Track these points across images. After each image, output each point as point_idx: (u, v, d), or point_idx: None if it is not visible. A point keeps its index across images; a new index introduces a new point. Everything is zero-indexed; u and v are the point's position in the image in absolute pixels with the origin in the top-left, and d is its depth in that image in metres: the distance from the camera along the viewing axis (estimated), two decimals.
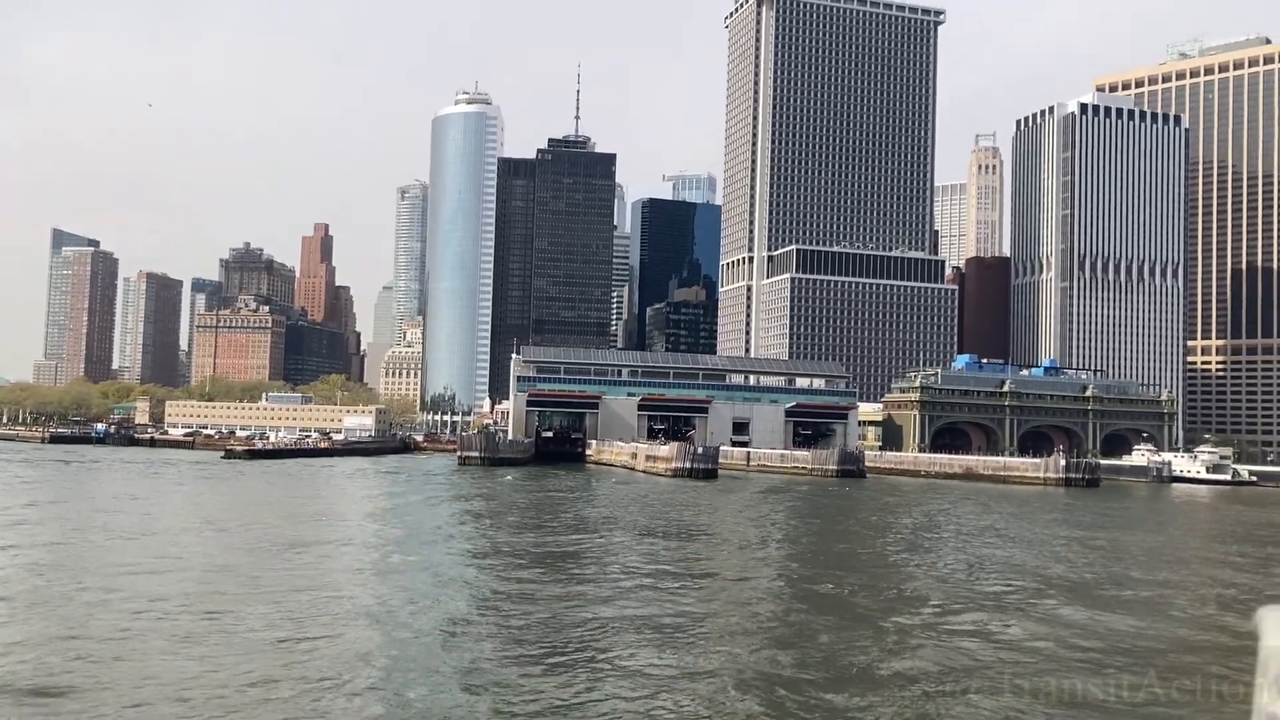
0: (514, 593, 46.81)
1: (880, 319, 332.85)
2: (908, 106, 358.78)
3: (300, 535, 69.00)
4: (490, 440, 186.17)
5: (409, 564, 56.50)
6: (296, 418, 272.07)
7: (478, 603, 44.16)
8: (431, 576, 51.89)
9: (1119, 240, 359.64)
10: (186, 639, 35.20)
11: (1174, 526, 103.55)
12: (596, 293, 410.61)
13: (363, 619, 39.90)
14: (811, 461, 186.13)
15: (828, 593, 50.46)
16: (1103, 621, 42.78)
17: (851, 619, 43.25)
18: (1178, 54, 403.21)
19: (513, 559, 59.77)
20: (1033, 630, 40.65)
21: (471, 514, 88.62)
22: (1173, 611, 46.78)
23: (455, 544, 67.54)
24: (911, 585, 52.77)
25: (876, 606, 46.57)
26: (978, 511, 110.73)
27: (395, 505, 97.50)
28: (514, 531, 75.60)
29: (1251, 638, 7.52)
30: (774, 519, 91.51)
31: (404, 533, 73.23)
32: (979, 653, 36.35)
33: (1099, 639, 39.21)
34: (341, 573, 53.02)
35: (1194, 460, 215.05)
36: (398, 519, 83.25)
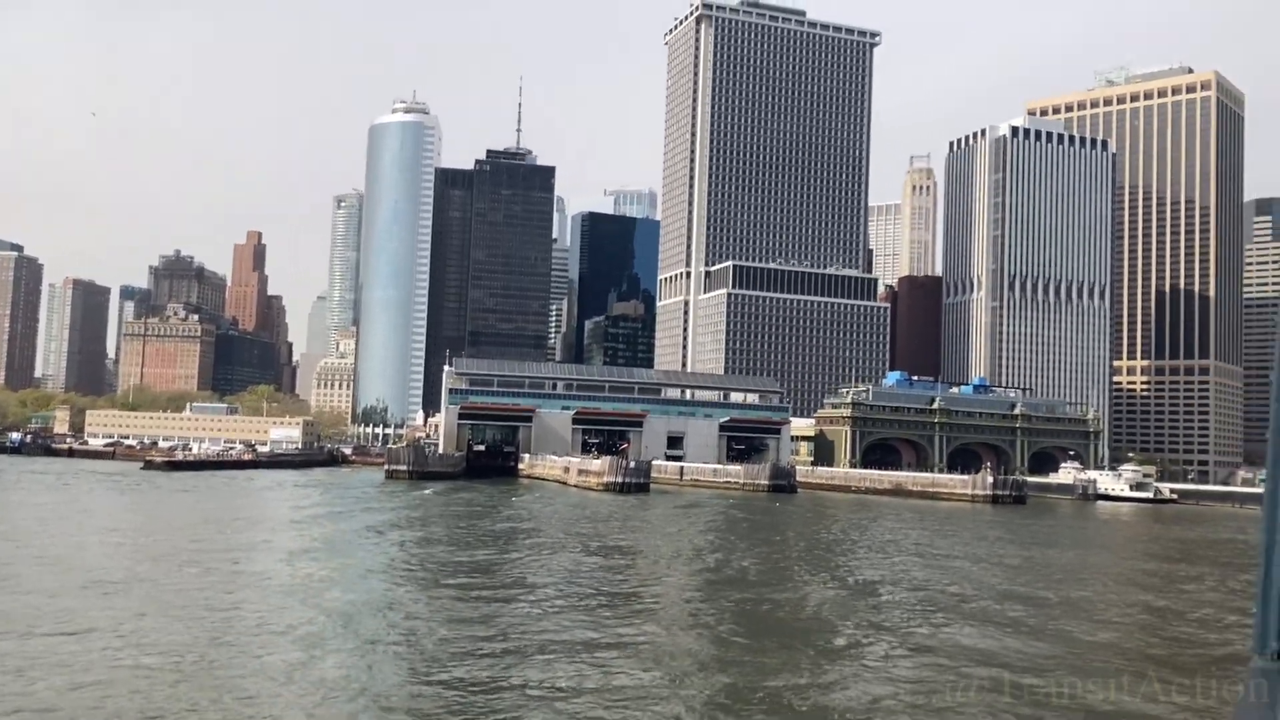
0: (427, 614, 45.32)
1: (814, 335, 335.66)
2: (843, 126, 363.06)
3: (200, 550, 66.73)
4: (419, 454, 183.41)
5: (314, 583, 54.69)
6: (222, 429, 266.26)
7: (388, 626, 42.56)
8: (339, 596, 50.27)
9: (1048, 261, 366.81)
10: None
11: (1091, 544, 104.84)
12: (534, 305, 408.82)
13: (259, 644, 38.25)
14: (744, 476, 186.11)
15: (730, 613, 49.73)
16: (982, 641, 42.37)
17: (745, 640, 42.55)
18: (1105, 81, 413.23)
19: (428, 577, 58.32)
20: (908, 650, 40.17)
21: (391, 530, 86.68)
22: (1055, 631, 46.76)
23: (368, 561, 65.81)
24: (810, 605, 52.21)
25: (763, 627, 45.94)
26: (902, 528, 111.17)
27: (311, 521, 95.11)
28: (432, 547, 74.05)
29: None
30: (699, 536, 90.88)
31: (315, 550, 71.22)
32: (846, 675, 35.75)
33: (972, 659, 38.89)
34: (237, 594, 51.06)
35: (1118, 478, 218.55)
36: (311, 536, 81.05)
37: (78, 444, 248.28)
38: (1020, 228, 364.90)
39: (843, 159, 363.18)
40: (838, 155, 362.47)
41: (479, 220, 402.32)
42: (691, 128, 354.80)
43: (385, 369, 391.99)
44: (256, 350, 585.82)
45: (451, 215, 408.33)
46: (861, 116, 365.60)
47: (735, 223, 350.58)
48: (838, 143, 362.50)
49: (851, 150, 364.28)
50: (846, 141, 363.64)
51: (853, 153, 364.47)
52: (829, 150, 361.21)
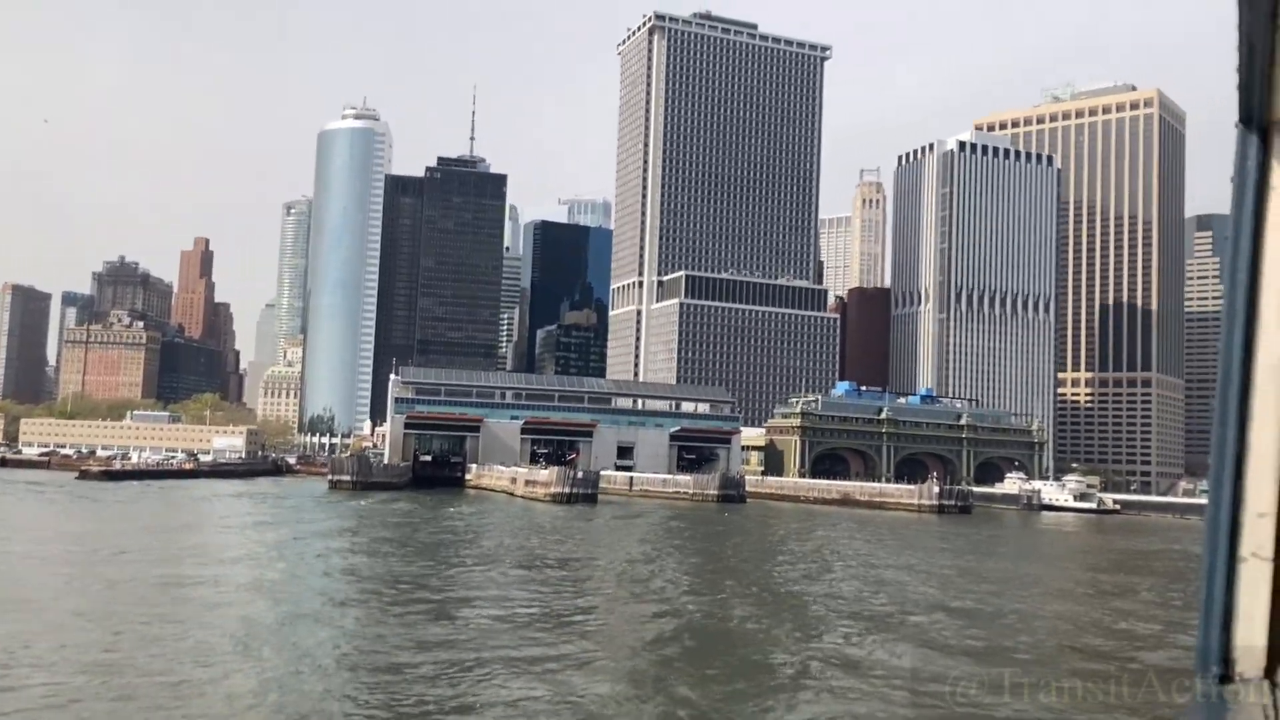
0: (357, 633, 43.98)
1: (765, 346, 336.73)
2: (794, 139, 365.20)
3: (121, 565, 64.77)
4: (363, 464, 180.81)
5: (241, 597, 53.17)
6: (163, 437, 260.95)
7: (317, 643, 41.23)
8: (268, 609, 48.85)
9: (994, 274, 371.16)
10: None
11: (1028, 555, 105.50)
12: (485, 314, 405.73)
13: (179, 665, 36.83)
14: (693, 486, 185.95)
15: (655, 629, 49.00)
16: (903, 657, 42.06)
17: (661, 658, 41.86)
18: (1051, 97, 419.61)
19: (363, 590, 56.97)
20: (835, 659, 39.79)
21: (329, 541, 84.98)
22: (979, 645, 46.57)
23: (299, 572, 64.25)
24: (734, 619, 51.60)
25: (685, 645, 45.30)
26: (845, 538, 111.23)
27: (247, 531, 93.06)
28: (369, 559, 72.62)
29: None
30: (638, 548, 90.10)
31: (247, 561, 69.47)
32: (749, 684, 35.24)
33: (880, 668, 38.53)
34: (163, 608, 49.46)
35: (1062, 489, 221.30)
36: (245, 546, 79.18)
37: (11, 453, 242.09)
38: (967, 241, 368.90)
39: (794, 171, 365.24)
40: (789, 167, 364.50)
41: (429, 228, 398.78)
42: (644, 138, 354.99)
43: (333, 378, 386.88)
44: (203, 358, 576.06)
45: (402, 223, 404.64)
46: (812, 129, 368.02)
47: (688, 233, 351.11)
48: (789, 155, 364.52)
49: (802, 162, 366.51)
50: (797, 153, 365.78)
51: (804, 165, 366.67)
52: (780, 162, 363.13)
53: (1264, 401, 2.53)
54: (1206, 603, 2.57)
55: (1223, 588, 2.56)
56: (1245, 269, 2.53)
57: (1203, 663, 2.59)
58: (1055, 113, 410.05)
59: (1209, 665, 2.58)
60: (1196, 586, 2.58)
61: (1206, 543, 2.59)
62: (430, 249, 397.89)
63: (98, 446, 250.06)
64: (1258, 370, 2.54)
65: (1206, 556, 2.59)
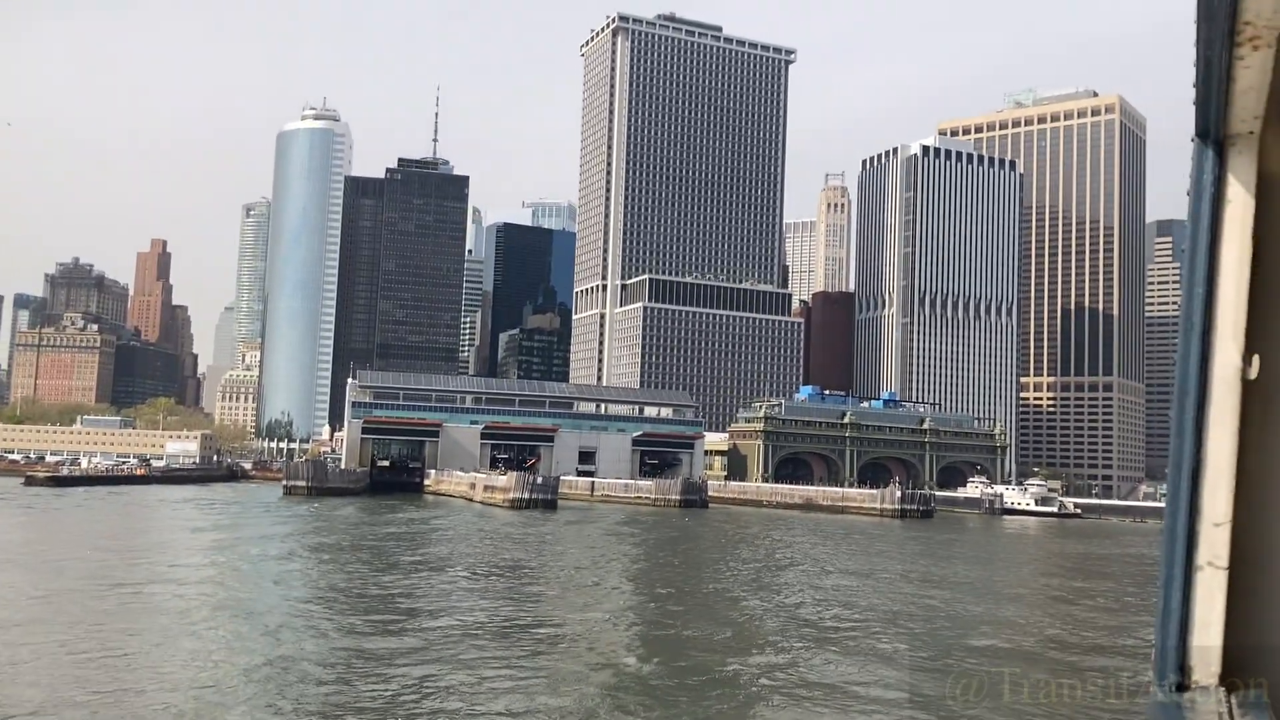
0: (296, 654, 41.07)
1: (730, 350, 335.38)
2: (759, 142, 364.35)
3: (60, 574, 61.46)
4: (319, 469, 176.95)
5: (177, 608, 50.15)
6: (115, 442, 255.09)
7: (261, 657, 38.53)
8: (207, 620, 45.94)
9: (957, 278, 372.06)
10: None
11: (983, 559, 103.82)
12: (446, 318, 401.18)
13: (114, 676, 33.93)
14: (655, 491, 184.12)
15: (601, 638, 46.64)
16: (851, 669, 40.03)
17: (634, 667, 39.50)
18: (1014, 102, 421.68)
19: (308, 602, 54.11)
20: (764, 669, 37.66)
21: (279, 549, 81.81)
22: (920, 653, 44.59)
23: (242, 582, 61.19)
24: (679, 627, 49.34)
25: (634, 652, 43.01)
26: (803, 543, 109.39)
27: (191, 539, 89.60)
28: (311, 567, 69.68)
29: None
30: (593, 555, 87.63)
31: (189, 571, 66.25)
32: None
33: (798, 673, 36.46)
34: (96, 618, 46.37)
35: (1023, 493, 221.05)
36: (189, 554, 75.88)
37: None
38: (930, 245, 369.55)
39: (758, 174, 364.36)
40: (754, 170, 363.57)
41: (389, 230, 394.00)
42: (608, 140, 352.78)
43: (291, 382, 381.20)
44: (159, 362, 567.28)
45: (362, 225, 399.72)
46: (777, 133, 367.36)
47: (652, 236, 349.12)
48: (754, 158, 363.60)
49: (767, 166, 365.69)
50: (762, 157, 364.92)
51: (768, 168, 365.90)
52: (745, 165, 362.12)
53: (1220, 412, 2.59)
54: (1164, 611, 2.61)
55: (1179, 596, 2.60)
56: (1202, 281, 2.59)
57: (1160, 670, 2.62)
58: (1018, 118, 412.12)
59: (1166, 673, 2.61)
60: (1152, 593, 2.62)
61: (1164, 552, 2.64)
62: (390, 251, 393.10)
63: (47, 452, 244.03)
64: (1214, 381, 2.60)
65: (1164, 565, 2.64)
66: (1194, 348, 2.59)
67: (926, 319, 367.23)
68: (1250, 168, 2.65)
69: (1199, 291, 2.59)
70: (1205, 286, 2.58)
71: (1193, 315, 2.60)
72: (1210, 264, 2.60)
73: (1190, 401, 2.59)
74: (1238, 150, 2.65)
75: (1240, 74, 2.49)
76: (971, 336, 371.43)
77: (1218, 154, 2.64)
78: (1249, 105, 2.58)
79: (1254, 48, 2.46)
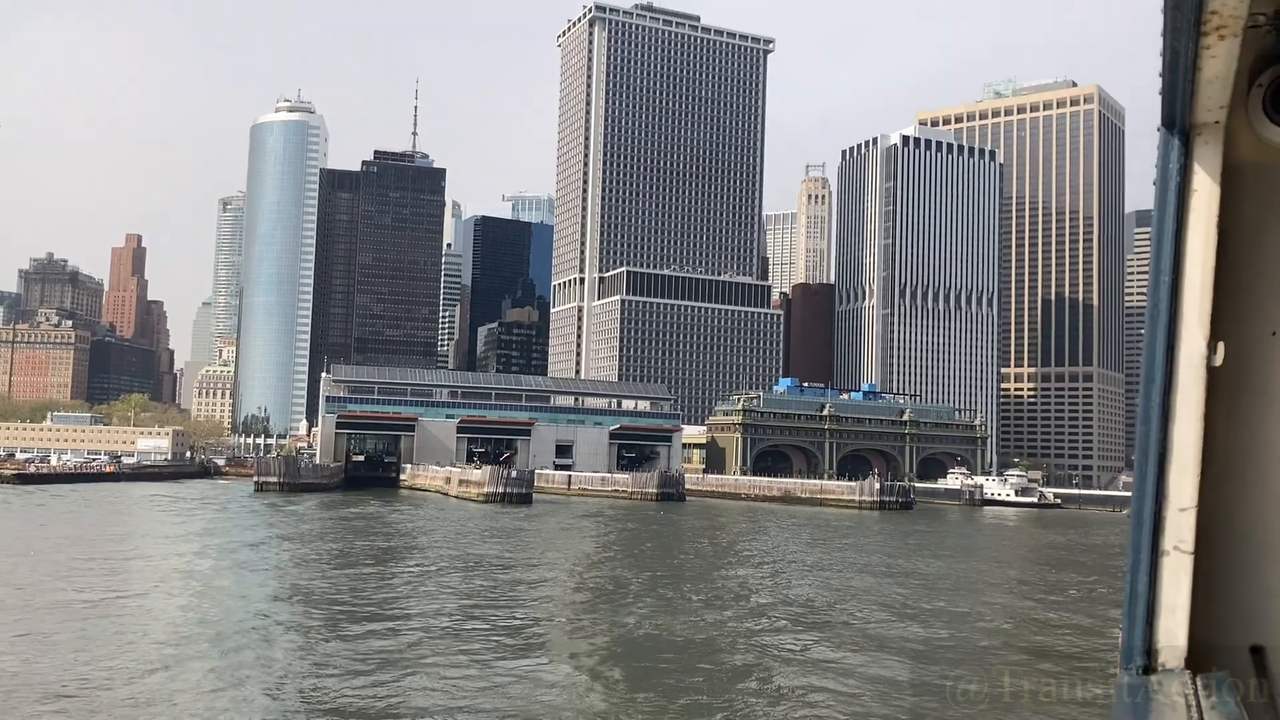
0: (259, 658, 38.85)
1: (708, 342, 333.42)
2: (738, 133, 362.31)
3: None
4: (290, 465, 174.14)
5: (116, 610, 47.87)
6: (86, 439, 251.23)
7: (218, 659, 36.38)
8: (159, 618, 43.72)
9: (937, 269, 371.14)
10: None
11: (961, 550, 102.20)
12: (424, 312, 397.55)
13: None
14: (632, 485, 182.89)
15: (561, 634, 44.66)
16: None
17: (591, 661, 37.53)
18: (994, 93, 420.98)
19: (269, 601, 51.94)
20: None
21: (235, 548, 79.45)
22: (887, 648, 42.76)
23: (201, 582, 58.85)
24: (639, 623, 47.37)
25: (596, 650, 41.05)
26: (778, 537, 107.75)
27: (150, 539, 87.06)
28: (273, 568, 67.42)
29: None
30: (558, 551, 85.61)
31: (139, 568, 63.86)
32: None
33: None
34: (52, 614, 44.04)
35: (1004, 484, 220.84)
36: (140, 554, 73.42)
37: None
38: (911, 236, 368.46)
39: (738, 166, 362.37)
40: (733, 162, 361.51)
41: (366, 223, 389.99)
42: (585, 131, 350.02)
43: (267, 377, 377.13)
44: (135, 358, 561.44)
45: (338, 218, 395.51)
46: (756, 123, 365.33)
47: (630, 228, 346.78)
48: (733, 149, 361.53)
49: (746, 157, 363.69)
50: (741, 148, 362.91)
51: (747, 159, 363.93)
52: (724, 156, 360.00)
53: (1185, 399, 2.61)
54: (1130, 596, 2.63)
55: (1146, 581, 2.63)
56: (1168, 270, 2.62)
57: (1127, 655, 2.64)
58: (997, 108, 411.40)
59: (1133, 656, 2.63)
60: (1118, 582, 2.68)
61: (1131, 537, 2.67)
62: (367, 245, 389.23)
63: (17, 449, 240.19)
64: (1179, 369, 2.62)
65: (1130, 551, 2.66)
66: (1160, 335, 2.63)
67: (907, 310, 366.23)
68: (1215, 157, 2.66)
69: (1165, 280, 2.62)
70: (1171, 275, 2.60)
71: (1159, 303, 2.64)
72: (1176, 253, 2.61)
73: (1156, 389, 2.62)
74: (1204, 140, 2.67)
75: (1206, 64, 2.51)
76: (952, 328, 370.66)
77: (1184, 143, 2.66)
78: (1215, 95, 2.59)
79: (1220, 37, 2.47)
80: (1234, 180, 2.69)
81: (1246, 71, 2.63)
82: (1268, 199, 2.74)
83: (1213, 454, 2.65)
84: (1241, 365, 2.68)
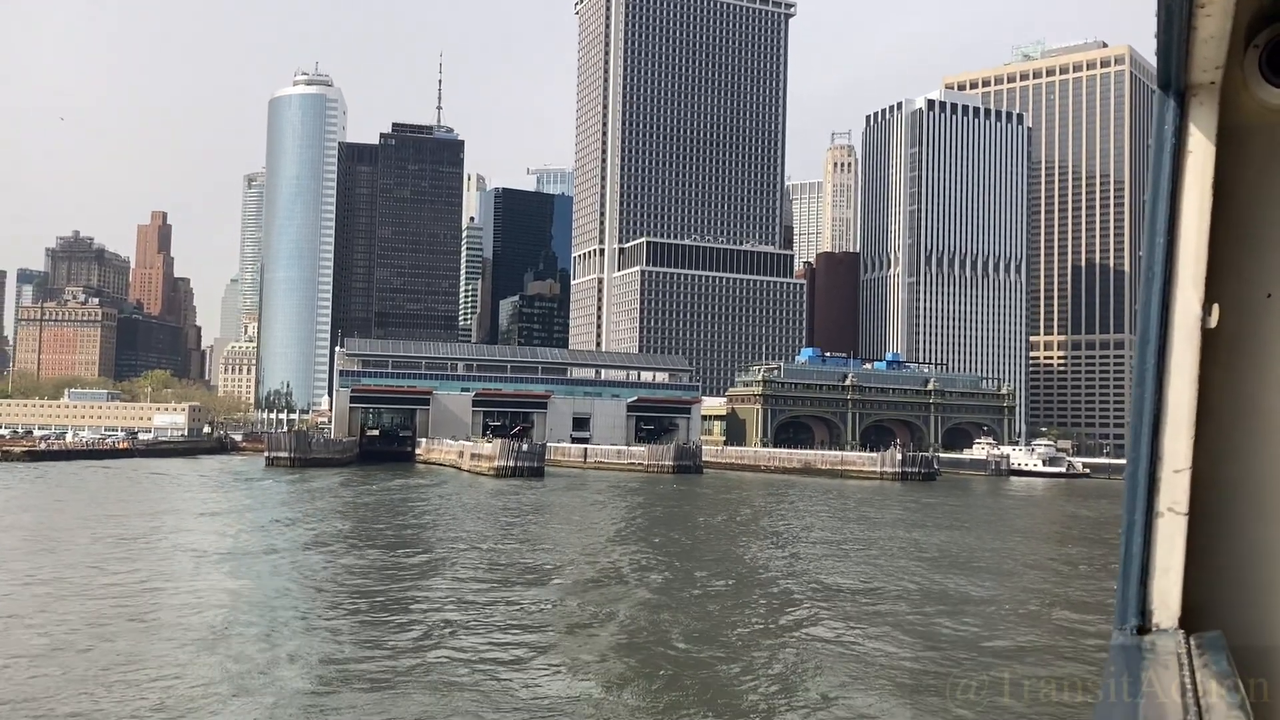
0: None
1: (730, 313, 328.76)
2: (759, 99, 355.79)
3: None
4: (301, 440, 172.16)
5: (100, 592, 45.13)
6: (103, 416, 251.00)
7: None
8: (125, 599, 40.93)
9: (964, 236, 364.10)
10: None
11: (982, 522, 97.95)
12: (444, 285, 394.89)
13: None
14: (648, 458, 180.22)
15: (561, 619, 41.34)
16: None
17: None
18: (1022, 55, 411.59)
19: (256, 580, 49.13)
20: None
21: (229, 525, 76.92)
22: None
23: (176, 566, 56.11)
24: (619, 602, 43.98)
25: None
26: (792, 508, 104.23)
27: (142, 515, 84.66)
28: (261, 546, 64.72)
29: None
30: (557, 526, 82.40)
31: (125, 554, 61.23)
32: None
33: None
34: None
35: (1031, 454, 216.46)
36: (131, 533, 70.90)
37: None
38: (937, 202, 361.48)
39: (759, 133, 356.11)
40: (754, 129, 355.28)
41: (384, 196, 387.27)
42: (603, 99, 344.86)
43: (289, 352, 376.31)
44: (162, 335, 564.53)
45: (359, 192, 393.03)
46: (777, 90, 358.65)
47: (649, 198, 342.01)
48: (754, 116, 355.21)
49: (768, 124, 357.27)
50: (763, 115, 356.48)
51: (769, 126, 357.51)
52: (745, 124, 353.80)
53: (1180, 360, 2.59)
54: (1125, 556, 2.64)
55: (1140, 542, 2.63)
56: (1163, 231, 2.61)
57: (1121, 615, 2.65)
58: (1026, 71, 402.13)
59: (1127, 617, 2.63)
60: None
61: (1126, 499, 2.67)
62: (386, 218, 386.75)
63: (35, 426, 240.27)
64: (1174, 330, 2.60)
65: (1125, 512, 2.67)
66: (1155, 298, 2.62)
67: (933, 278, 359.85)
68: (1211, 118, 2.63)
69: (1160, 241, 2.61)
70: (1166, 237, 2.59)
71: (1153, 265, 2.62)
72: (1171, 214, 2.60)
73: (1151, 350, 2.61)
74: (1199, 100, 2.64)
75: (1202, 23, 2.47)
76: (980, 295, 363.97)
77: (1179, 104, 2.63)
78: (1210, 55, 2.56)
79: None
80: (1230, 142, 2.66)
81: (1242, 31, 2.59)
82: (1264, 160, 2.71)
83: (1207, 416, 2.65)
84: (1237, 327, 2.67)
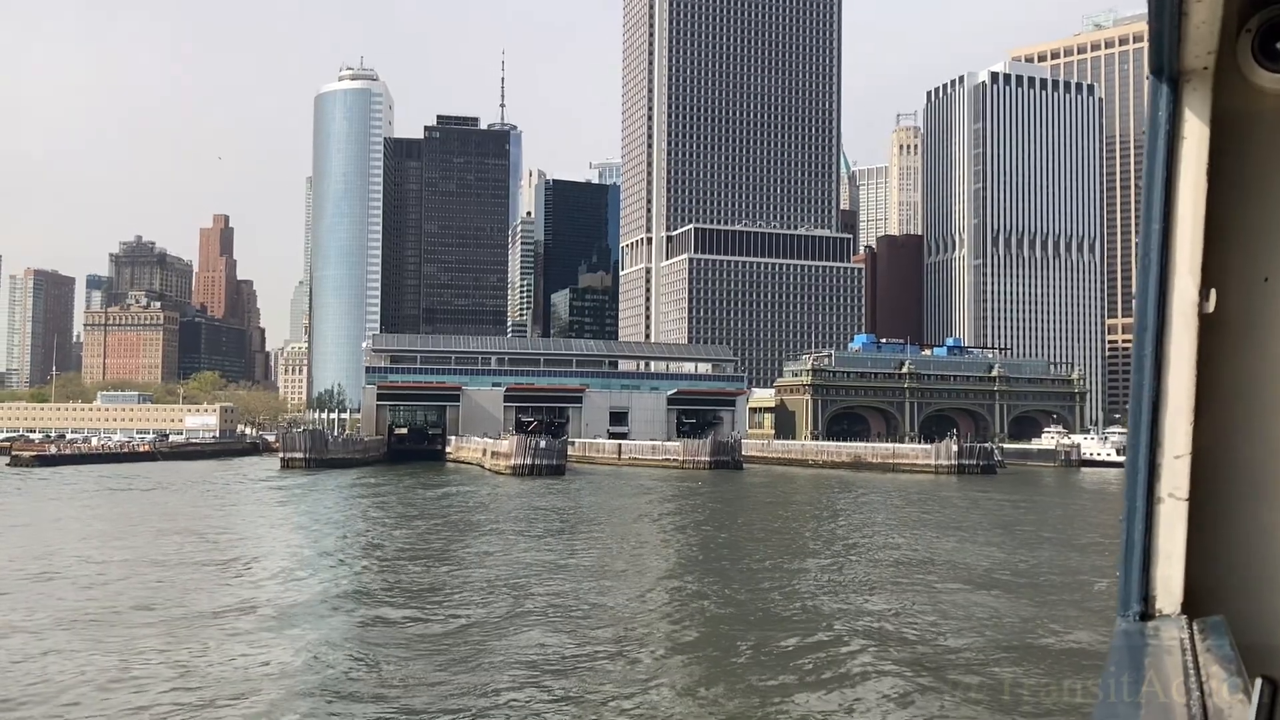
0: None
1: (785, 300, 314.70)
2: (812, 78, 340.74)
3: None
4: (317, 439, 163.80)
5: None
6: (134, 419, 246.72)
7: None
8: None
9: (1033, 215, 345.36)
10: None
11: (1035, 522, 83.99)
12: (492, 279, 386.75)
13: None
14: (683, 453, 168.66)
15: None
16: None
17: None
18: (1093, 25, 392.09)
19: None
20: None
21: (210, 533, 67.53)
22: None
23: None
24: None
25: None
26: (827, 510, 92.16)
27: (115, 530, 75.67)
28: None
29: None
30: (537, 537, 71.25)
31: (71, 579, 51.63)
32: None
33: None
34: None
35: (1103, 442, 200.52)
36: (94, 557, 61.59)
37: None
38: (1003, 180, 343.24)
39: (813, 113, 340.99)
40: (807, 109, 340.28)
41: (430, 191, 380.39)
42: (649, 84, 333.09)
43: (339, 352, 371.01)
44: (226, 338, 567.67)
45: (407, 188, 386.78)
46: (831, 69, 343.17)
47: (697, 184, 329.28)
48: (807, 97, 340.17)
49: (822, 103, 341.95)
50: (816, 95, 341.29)
51: (823, 106, 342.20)
52: (797, 105, 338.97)
53: (1178, 346, 2.59)
54: (1127, 544, 2.64)
55: (1142, 528, 2.64)
56: (1159, 218, 2.61)
57: (1124, 601, 2.65)
58: (1096, 41, 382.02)
59: (1130, 603, 2.63)
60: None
61: (1127, 485, 2.66)
62: (432, 213, 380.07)
63: (68, 430, 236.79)
64: (1172, 316, 2.60)
65: (1126, 499, 2.65)
66: (1152, 283, 2.61)
67: (1001, 259, 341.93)
68: (1205, 104, 2.63)
69: (1156, 228, 2.61)
70: (1162, 223, 2.60)
71: (1150, 251, 2.62)
72: (1166, 200, 2.60)
73: (1149, 336, 2.61)
74: (1192, 86, 2.64)
75: (1194, 8, 2.47)
76: (1051, 277, 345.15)
77: (1173, 90, 2.62)
78: (1203, 40, 2.56)
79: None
80: (1224, 127, 2.66)
81: (1235, 16, 2.59)
82: (1258, 145, 2.71)
83: (1207, 401, 2.64)
84: (1234, 311, 2.66)
